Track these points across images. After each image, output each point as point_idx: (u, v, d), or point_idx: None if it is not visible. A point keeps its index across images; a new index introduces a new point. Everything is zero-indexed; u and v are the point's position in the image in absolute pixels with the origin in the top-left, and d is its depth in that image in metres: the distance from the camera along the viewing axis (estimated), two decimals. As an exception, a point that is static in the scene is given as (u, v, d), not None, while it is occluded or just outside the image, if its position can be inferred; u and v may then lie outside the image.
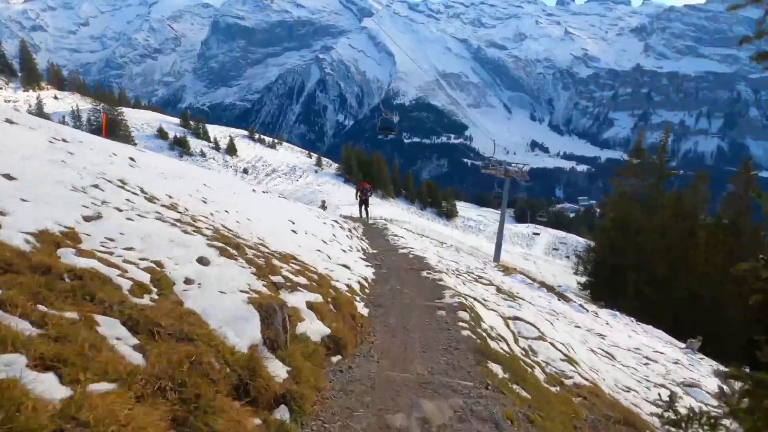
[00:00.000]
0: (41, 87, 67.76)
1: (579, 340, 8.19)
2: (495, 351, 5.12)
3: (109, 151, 10.69)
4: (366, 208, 20.67)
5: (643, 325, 13.77)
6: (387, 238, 15.78)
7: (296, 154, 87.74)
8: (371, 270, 9.12)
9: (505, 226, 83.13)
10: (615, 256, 21.08)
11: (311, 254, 8.09)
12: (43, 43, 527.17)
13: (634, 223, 20.73)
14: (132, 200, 5.94)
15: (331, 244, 10.90)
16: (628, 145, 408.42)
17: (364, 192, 20.09)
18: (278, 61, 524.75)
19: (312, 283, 5.57)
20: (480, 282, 11.05)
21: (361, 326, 5.37)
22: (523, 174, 23.82)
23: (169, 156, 60.71)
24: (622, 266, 20.37)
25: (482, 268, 15.54)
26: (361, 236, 15.48)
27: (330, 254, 8.94)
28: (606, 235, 23.31)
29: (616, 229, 21.70)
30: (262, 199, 15.77)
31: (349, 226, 17.08)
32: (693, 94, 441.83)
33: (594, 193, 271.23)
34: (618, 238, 21.31)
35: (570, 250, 79.19)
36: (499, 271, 15.67)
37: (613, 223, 22.63)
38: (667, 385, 7.29)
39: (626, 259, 20.38)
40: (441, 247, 19.56)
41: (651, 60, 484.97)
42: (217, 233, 5.86)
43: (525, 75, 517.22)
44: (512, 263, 44.58)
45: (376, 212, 57.98)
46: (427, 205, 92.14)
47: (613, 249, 21.51)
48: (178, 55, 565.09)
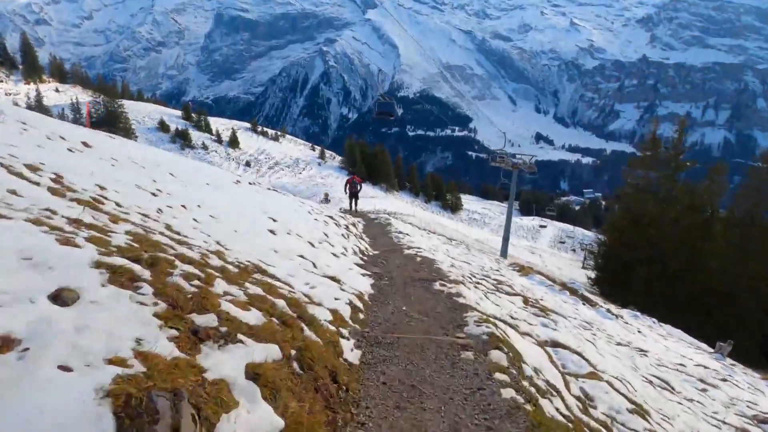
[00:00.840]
0: (43, 80, 67.48)
1: (628, 366, 7.03)
2: (551, 420, 3.54)
3: (54, 133, 8.94)
4: (356, 201, 20.16)
5: (666, 326, 13.05)
6: (391, 235, 14.32)
7: (299, 147, 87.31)
8: (369, 281, 7.35)
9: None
10: (626, 249, 20.47)
11: (289, 263, 6.24)
12: (47, 37, 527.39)
13: (646, 215, 20.11)
14: (21, 193, 4.00)
15: (320, 246, 8.82)
16: (634, 138, 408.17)
17: (354, 185, 19.54)
18: (282, 54, 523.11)
19: (270, 320, 3.47)
20: (502, 290, 9.30)
21: (345, 394, 3.37)
22: (531, 166, 23.26)
23: (170, 149, 60.50)
24: (633, 260, 19.80)
25: (498, 269, 13.64)
26: (360, 234, 13.88)
27: (317, 261, 7.13)
28: (617, 229, 22.54)
29: (628, 221, 21.03)
30: (243, 192, 13.03)
31: (347, 222, 14.98)
32: (700, 86, 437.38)
33: (599, 186, 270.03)
34: (630, 231, 20.68)
35: (576, 243, 78.67)
36: (515, 272, 14.22)
37: (624, 215, 21.99)
38: (746, 427, 6.02)
39: (638, 252, 19.81)
40: (450, 245, 17.65)
41: (657, 51, 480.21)
42: (137, 240, 3.79)
43: (530, 67, 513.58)
44: (518, 257, 44.16)
45: (380, 206, 57.57)
46: (432, 198, 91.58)
47: (624, 243, 20.89)
48: (181, 49, 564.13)
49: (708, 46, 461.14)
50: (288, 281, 5.14)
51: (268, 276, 4.97)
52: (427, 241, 15.29)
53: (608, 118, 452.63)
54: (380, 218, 19.68)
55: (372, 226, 16.67)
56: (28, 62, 66.56)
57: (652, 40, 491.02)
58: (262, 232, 7.78)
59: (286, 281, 5.13)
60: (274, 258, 6.06)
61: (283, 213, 11.09)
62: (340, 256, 8.73)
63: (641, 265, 19.49)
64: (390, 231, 15.44)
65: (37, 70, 67.18)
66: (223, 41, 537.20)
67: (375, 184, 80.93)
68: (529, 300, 8.88)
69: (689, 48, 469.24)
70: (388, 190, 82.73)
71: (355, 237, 12.44)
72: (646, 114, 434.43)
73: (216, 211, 7.66)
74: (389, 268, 8.78)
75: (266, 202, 12.20)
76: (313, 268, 6.63)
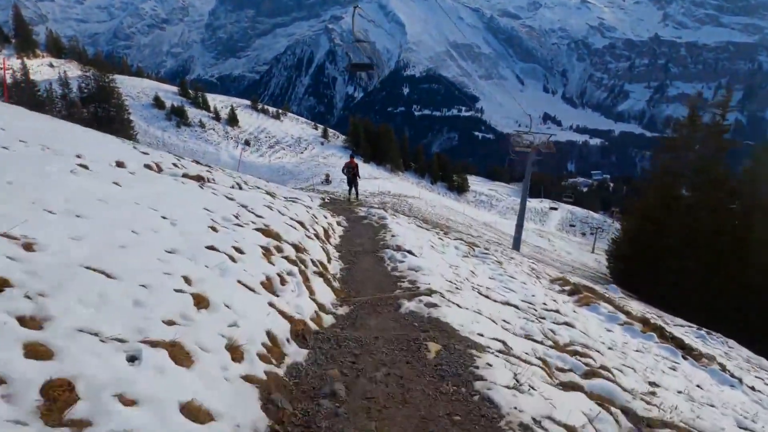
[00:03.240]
0: (37, 54, 66.03)
1: None
2: None
3: None
4: (355, 187, 18.73)
5: (731, 342, 11.09)
6: (382, 246, 9.24)
7: (301, 126, 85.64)
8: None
9: (516, 201, 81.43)
10: (657, 237, 18.77)
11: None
12: (50, 14, 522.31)
13: (682, 201, 18.47)
14: None
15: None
16: (643, 118, 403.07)
17: (351, 169, 18.11)
18: (287, 32, 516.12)
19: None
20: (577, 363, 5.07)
21: None
22: (551, 145, 21.73)
23: (165, 126, 59.19)
24: (664, 249, 18.20)
25: (556, 305, 8.16)
26: (338, 243, 9.61)
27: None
28: (647, 215, 20.47)
29: (661, 207, 19.13)
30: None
31: (325, 222, 10.61)
32: (712, 65, 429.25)
33: (607, 167, 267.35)
34: (662, 217, 18.85)
35: (586, 227, 77.45)
36: (567, 298, 9.77)
37: (657, 201, 19.95)
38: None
39: (670, 240, 18.11)
40: (476, 256, 11.84)
41: (669, 30, 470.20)
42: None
43: (539, 45, 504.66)
44: (528, 242, 43.13)
45: (385, 187, 56.44)
46: (438, 179, 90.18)
47: (654, 231, 19.11)
48: (186, 26, 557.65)
49: (721, 25, 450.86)
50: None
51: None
52: (440, 258, 9.59)
53: (617, 98, 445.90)
54: (373, 215, 13.64)
55: (358, 228, 11.66)
56: (21, 37, 64.97)
57: (665, 19, 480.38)
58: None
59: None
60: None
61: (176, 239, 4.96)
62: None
63: (673, 255, 17.90)
64: (384, 237, 10.20)
65: (30, 44, 65.54)
66: (227, 18, 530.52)
67: (379, 164, 79.58)
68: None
69: (702, 27, 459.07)
70: (393, 170, 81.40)
71: (319, 269, 6.61)
72: (656, 94, 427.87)
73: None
74: (361, 366, 3.83)
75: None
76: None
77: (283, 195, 13.36)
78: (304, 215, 9.57)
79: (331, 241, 9.53)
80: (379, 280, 7.00)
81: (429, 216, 30.38)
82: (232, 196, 8.27)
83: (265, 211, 8.00)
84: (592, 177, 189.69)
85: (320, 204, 15.86)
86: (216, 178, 10.31)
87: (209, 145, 59.72)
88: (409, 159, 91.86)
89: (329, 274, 6.93)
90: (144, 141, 52.29)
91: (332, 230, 10.52)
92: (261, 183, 16.32)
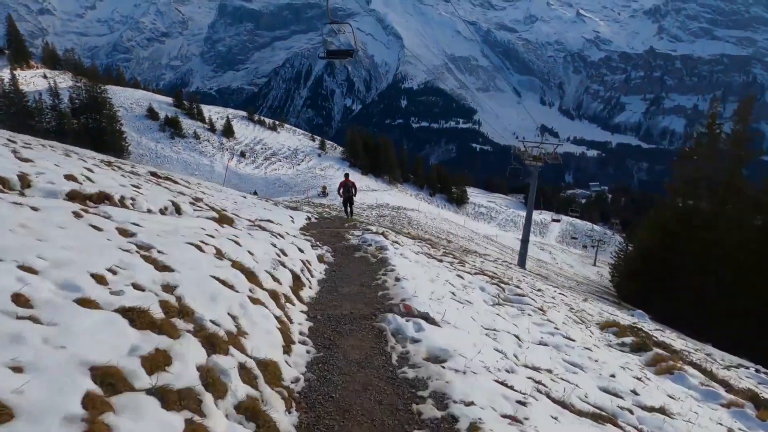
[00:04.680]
0: (31, 66, 65.44)
1: None
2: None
3: None
4: (351, 206, 18.00)
5: None
6: (382, 303, 6.48)
7: (298, 137, 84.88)
8: None
9: (515, 213, 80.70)
10: (674, 254, 17.41)
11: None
12: (50, 27, 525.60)
13: (701, 215, 17.09)
14: None
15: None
16: (640, 130, 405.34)
17: (348, 189, 17.32)
18: (285, 45, 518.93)
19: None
20: None
21: None
22: (557, 155, 20.78)
23: (159, 138, 58.34)
24: (680, 267, 16.93)
25: (648, 391, 5.79)
26: (313, 297, 6.68)
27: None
28: (663, 230, 19.04)
29: (678, 222, 17.78)
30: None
31: (299, 261, 7.60)
32: (707, 78, 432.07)
33: (605, 179, 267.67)
34: (679, 232, 17.53)
35: (587, 239, 76.64)
36: (644, 365, 7.26)
37: (673, 215, 18.61)
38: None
39: (688, 259, 16.79)
40: (510, 302, 9.05)
41: (664, 42, 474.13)
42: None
43: (535, 58, 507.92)
44: (532, 256, 42.17)
45: (383, 200, 55.58)
46: (437, 191, 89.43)
47: (669, 245, 17.84)
48: (185, 39, 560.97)
49: (716, 38, 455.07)
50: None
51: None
52: (477, 328, 6.51)
53: (614, 110, 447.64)
54: (370, 244, 10.45)
55: (346, 271, 8.34)
56: (14, 48, 64.36)
57: (660, 32, 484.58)
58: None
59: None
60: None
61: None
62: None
63: (691, 272, 16.61)
64: (383, 288, 7.16)
65: (24, 55, 64.99)
66: (226, 32, 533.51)
67: (378, 176, 78.78)
68: None
69: (697, 40, 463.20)
70: (392, 182, 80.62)
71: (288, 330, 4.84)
72: (652, 106, 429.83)
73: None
74: None
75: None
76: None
77: (254, 217, 10.94)
78: (265, 255, 6.54)
79: (303, 295, 6.35)
80: (377, 409, 3.73)
81: (430, 229, 29.20)
82: (131, 231, 5.18)
83: (186, 254, 5.07)
84: (590, 188, 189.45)
85: (304, 225, 13.47)
86: (144, 194, 7.75)
87: (203, 156, 58.81)
88: (407, 171, 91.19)
89: (315, 336, 5.08)
90: (137, 152, 51.44)
91: (308, 274, 7.25)
92: (232, 200, 14.15)
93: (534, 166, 20.36)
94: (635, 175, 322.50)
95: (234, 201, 14.51)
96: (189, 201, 9.47)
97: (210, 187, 17.53)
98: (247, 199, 17.00)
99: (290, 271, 6.73)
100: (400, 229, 26.73)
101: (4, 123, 38.08)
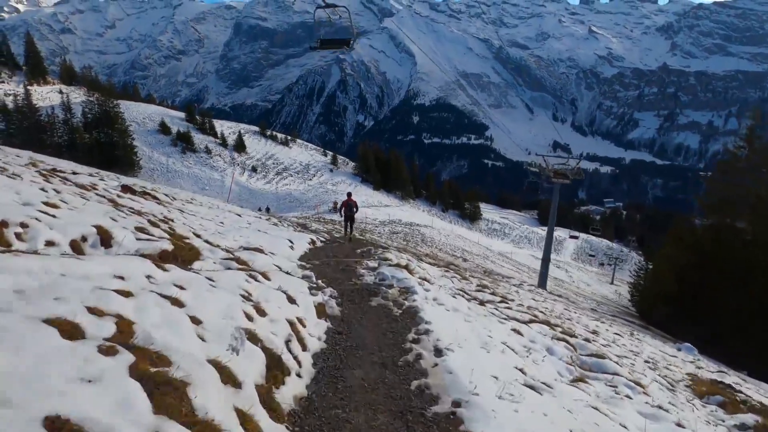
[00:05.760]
0: (47, 81, 66.37)
1: None
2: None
3: None
4: (351, 224, 17.83)
5: None
6: (418, 392, 4.30)
7: (310, 152, 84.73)
8: None
9: (529, 229, 79.35)
10: (710, 276, 16.16)
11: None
12: (71, 46, 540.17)
13: (741, 234, 16.03)
14: None
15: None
16: (654, 146, 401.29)
17: (350, 208, 17.13)
18: (299, 62, 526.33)
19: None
20: None
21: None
22: (580, 171, 19.76)
23: (170, 152, 58.36)
24: (717, 290, 15.60)
25: None
26: (305, 391, 4.03)
27: None
28: (699, 248, 17.67)
29: (715, 240, 16.51)
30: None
31: (285, 321, 4.87)
32: (722, 94, 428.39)
33: (618, 195, 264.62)
34: (715, 253, 16.24)
35: (605, 257, 75.00)
36: None
37: (709, 234, 17.31)
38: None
39: (725, 281, 15.50)
40: (589, 370, 6.78)
41: (678, 59, 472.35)
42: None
43: (547, 75, 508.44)
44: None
45: (396, 216, 54.82)
46: (450, 206, 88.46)
47: (705, 267, 16.53)
48: (201, 57, 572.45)
49: (730, 54, 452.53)
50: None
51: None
52: None
53: (627, 126, 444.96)
54: (386, 284, 8.03)
55: (359, 331, 5.87)
56: (32, 64, 65.46)
57: (673, 48, 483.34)
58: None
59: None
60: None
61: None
62: None
63: (730, 296, 15.31)
64: (419, 370, 4.79)
65: (41, 71, 66.06)
66: (241, 50, 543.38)
67: (390, 191, 78.11)
68: None
69: (711, 56, 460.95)
70: (404, 198, 79.87)
71: None
72: (666, 123, 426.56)
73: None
74: None
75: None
76: None
77: (238, 244, 8.49)
78: (223, 322, 3.86)
79: (284, 395, 3.72)
80: None
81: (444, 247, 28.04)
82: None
83: (34, 347, 2.32)
84: (604, 205, 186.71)
85: (306, 252, 10.67)
86: (59, 216, 5.50)
87: (215, 171, 58.67)
88: (420, 186, 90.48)
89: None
90: (148, 167, 51.39)
91: (297, 348, 4.63)
92: (219, 221, 11.71)
93: (557, 182, 19.28)
94: (650, 192, 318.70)
95: (221, 221, 12.43)
96: (141, 224, 6.80)
97: (204, 204, 16.27)
98: (242, 218, 15.23)
99: (264, 349, 3.87)
100: (414, 246, 25.84)
101: (16, 138, 38.20)
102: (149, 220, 7.52)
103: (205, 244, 7.19)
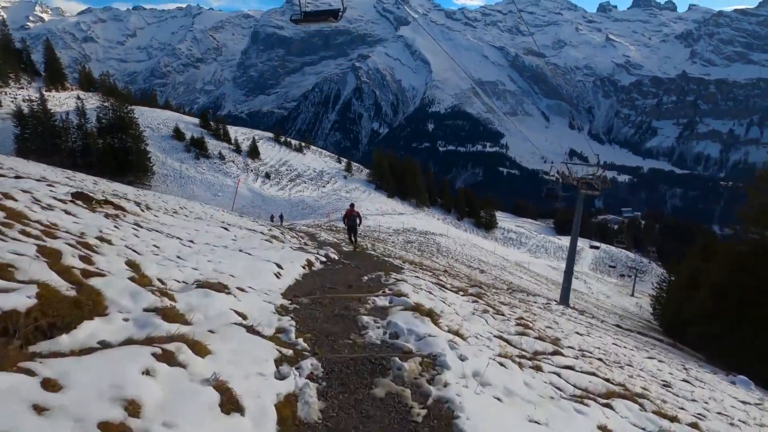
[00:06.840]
0: (66, 87, 67.13)
1: None
2: None
3: None
4: (354, 234, 18.18)
5: None
6: None
7: (324, 159, 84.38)
8: None
9: (546, 238, 77.93)
10: (754, 294, 14.78)
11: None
12: (93, 54, 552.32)
13: None
14: None
15: None
16: (673, 155, 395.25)
17: (352, 218, 17.56)
18: (315, 70, 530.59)
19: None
20: None
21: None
22: (606, 180, 18.81)
23: (184, 158, 58.35)
24: (761, 309, 14.34)
25: None
26: None
27: None
28: (738, 266, 16.14)
29: (755, 256, 15.15)
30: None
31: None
32: (743, 102, 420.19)
33: (636, 204, 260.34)
34: (757, 269, 14.89)
35: (625, 268, 73.15)
36: None
37: (751, 248, 15.94)
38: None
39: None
40: None
41: (697, 67, 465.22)
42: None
43: (564, 82, 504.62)
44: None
45: (410, 224, 54.01)
46: (465, 215, 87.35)
47: (747, 285, 15.10)
48: (219, 65, 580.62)
49: (751, 62, 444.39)
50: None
51: None
52: None
53: (645, 135, 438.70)
54: (402, 353, 5.03)
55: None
56: (51, 70, 66.31)
57: (692, 56, 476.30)
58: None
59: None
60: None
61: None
62: None
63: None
64: None
65: (59, 77, 66.94)
66: (258, 57, 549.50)
67: (404, 199, 77.33)
68: None
69: (731, 64, 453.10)
70: (418, 205, 79.03)
71: None
72: (685, 131, 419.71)
73: None
74: None
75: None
76: None
77: (193, 277, 6.17)
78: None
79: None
80: None
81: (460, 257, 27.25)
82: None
83: None
84: (622, 214, 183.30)
85: (297, 280, 8.51)
86: None
87: (228, 177, 58.47)
88: (434, 194, 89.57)
89: None
90: (161, 172, 51.34)
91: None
92: (188, 238, 9.33)
93: (584, 193, 18.23)
94: (668, 201, 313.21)
95: (192, 240, 9.67)
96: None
97: (194, 213, 14.97)
98: (229, 231, 12.73)
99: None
100: (430, 257, 24.97)
101: (31, 142, 38.33)
102: (40, 246, 4.65)
103: (130, 284, 4.62)
